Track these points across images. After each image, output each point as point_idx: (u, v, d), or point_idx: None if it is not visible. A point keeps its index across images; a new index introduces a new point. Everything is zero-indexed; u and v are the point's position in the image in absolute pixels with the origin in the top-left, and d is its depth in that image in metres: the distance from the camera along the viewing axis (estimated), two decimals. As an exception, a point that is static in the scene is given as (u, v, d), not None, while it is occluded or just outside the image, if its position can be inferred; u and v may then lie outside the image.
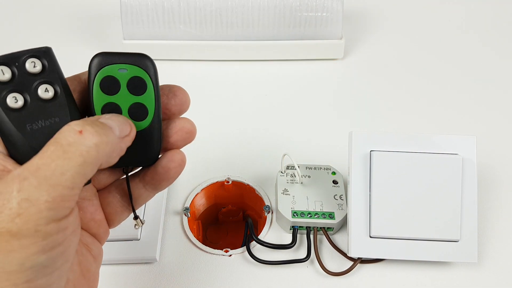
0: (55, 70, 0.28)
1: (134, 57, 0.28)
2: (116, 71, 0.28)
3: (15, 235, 0.22)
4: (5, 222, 0.22)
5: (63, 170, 0.23)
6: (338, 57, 0.60)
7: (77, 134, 0.23)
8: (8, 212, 0.22)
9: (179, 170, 0.30)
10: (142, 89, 0.28)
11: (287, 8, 0.56)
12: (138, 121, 0.28)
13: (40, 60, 0.27)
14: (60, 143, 0.23)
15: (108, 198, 0.31)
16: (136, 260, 0.40)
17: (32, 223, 0.22)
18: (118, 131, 0.26)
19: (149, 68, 0.28)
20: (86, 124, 0.24)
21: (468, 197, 0.39)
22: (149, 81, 0.28)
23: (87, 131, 0.24)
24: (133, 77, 0.28)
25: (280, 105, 0.55)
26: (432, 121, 0.52)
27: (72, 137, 0.23)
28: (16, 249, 0.22)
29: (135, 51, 0.30)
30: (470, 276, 0.40)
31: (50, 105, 0.27)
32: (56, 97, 0.27)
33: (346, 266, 0.39)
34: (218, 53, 0.59)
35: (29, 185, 0.22)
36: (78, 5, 0.68)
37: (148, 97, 0.28)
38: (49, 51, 0.28)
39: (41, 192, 0.22)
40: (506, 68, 0.59)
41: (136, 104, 0.28)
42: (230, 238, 0.47)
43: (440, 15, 0.67)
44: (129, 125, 0.27)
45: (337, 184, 0.43)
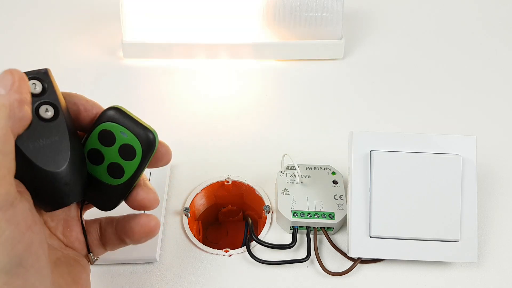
0: (54, 91, 0.29)
1: (141, 130, 0.30)
2: (119, 132, 0.30)
3: None
4: None
5: None
6: (338, 57, 0.60)
7: None
8: None
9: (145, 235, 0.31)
10: (130, 157, 0.30)
11: (287, 8, 0.56)
12: (112, 177, 0.30)
13: (41, 82, 0.28)
14: None
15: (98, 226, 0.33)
16: (136, 260, 0.40)
17: None
18: (1, 89, 0.25)
19: (147, 147, 0.30)
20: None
21: (468, 197, 0.39)
22: (139, 156, 0.30)
23: None
24: (129, 144, 0.30)
25: (280, 105, 0.55)
26: (432, 121, 0.52)
27: None
28: None
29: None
30: (470, 276, 0.40)
31: (50, 124, 0.28)
32: (55, 117, 0.28)
33: (346, 266, 0.39)
34: (218, 52, 0.59)
35: None
36: (78, 5, 0.68)
37: (131, 166, 0.30)
38: (48, 73, 0.29)
39: None
40: (506, 68, 0.59)
41: (117, 164, 0.30)
42: (230, 238, 0.47)
43: (440, 15, 0.67)
44: (9, 75, 0.26)
45: (337, 184, 0.43)
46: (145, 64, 0.59)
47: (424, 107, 0.54)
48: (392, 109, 0.54)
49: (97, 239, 0.33)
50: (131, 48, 0.58)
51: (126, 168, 0.30)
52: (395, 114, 0.53)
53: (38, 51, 0.61)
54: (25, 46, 0.62)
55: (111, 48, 0.61)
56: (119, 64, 0.59)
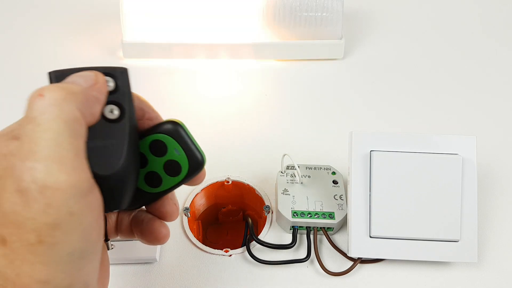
0: (125, 93, 0.27)
1: (195, 153, 0.29)
2: (172, 147, 0.29)
3: (54, 227, 0.21)
4: (39, 216, 0.21)
5: (55, 142, 0.22)
6: (338, 57, 0.60)
7: (39, 98, 0.23)
8: (37, 206, 0.21)
9: (154, 241, 0.31)
10: (173, 173, 0.30)
11: (287, 8, 0.56)
12: (147, 184, 0.30)
13: (114, 80, 0.27)
14: (31, 117, 0.22)
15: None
16: (136, 260, 0.40)
17: (64, 208, 0.21)
18: (82, 81, 0.25)
19: (194, 170, 0.30)
20: (44, 88, 0.23)
21: (468, 197, 0.39)
22: (183, 175, 0.30)
23: (47, 91, 0.23)
24: (177, 162, 0.29)
25: (280, 105, 0.55)
26: (432, 121, 0.52)
27: (37, 105, 0.22)
28: (60, 240, 0.22)
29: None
30: (470, 276, 0.40)
31: (112, 126, 0.26)
32: (119, 119, 0.27)
33: (346, 266, 0.39)
34: (218, 52, 0.59)
35: (39, 172, 0.21)
36: (78, 5, 0.68)
37: (171, 181, 0.30)
38: (125, 72, 0.28)
39: (53, 173, 0.21)
40: (506, 68, 0.59)
41: (157, 174, 0.30)
42: (230, 238, 0.47)
43: (440, 14, 0.67)
44: (90, 73, 0.26)
45: (337, 184, 0.43)
46: (145, 64, 0.59)
47: (424, 107, 0.54)
48: (392, 109, 0.54)
49: (113, 226, 0.33)
50: (131, 48, 0.58)
51: (165, 181, 0.30)
52: (395, 114, 0.53)
53: (38, 51, 0.61)
54: (25, 46, 0.62)
55: (111, 48, 0.61)
56: (119, 64, 0.59)
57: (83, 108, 0.24)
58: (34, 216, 0.21)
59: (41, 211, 0.21)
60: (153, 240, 0.31)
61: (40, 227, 0.21)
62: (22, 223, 0.21)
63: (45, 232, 0.21)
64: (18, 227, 0.21)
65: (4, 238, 0.22)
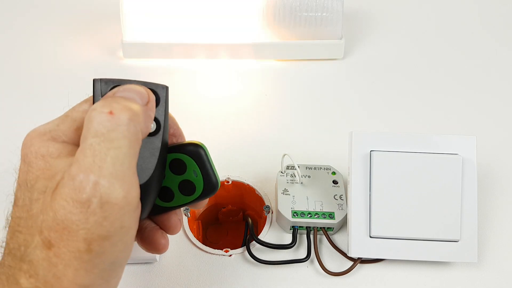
0: (164, 109, 0.28)
1: (212, 178, 0.30)
2: (191, 169, 0.30)
3: (105, 238, 0.22)
4: (94, 228, 0.22)
5: (119, 160, 0.23)
6: (338, 57, 0.60)
7: (109, 117, 0.23)
8: (95, 218, 0.22)
9: (152, 249, 0.32)
10: (186, 192, 0.30)
11: (287, 8, 0.56)
12: (158, 197, 0.30)
13: (157, 96, 0.28)
14: (99, 132, 0.23)
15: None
16: (136, 260, 0.40)
17: (118, 222, 0.23)
18: (139, 99, 0.26)
19: (208, 193, 0.30)
20: (110, 103, 0.24)
21: (468, 197, 0.39)
22: (196, 196, 0.30)
23: (116, 109, 0.23)
24: (193, 183, 0.30)
25: (280, 105, 0.55)
26: (432, 121, 0.52)
27: (107, 122, 0.23)
28: (107, 250, 0.23)
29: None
30: (470, 276, 0.40)
31: (147, 139, 0.27)
32: (154, 133, 0.28)
33: (346, 266, 0.39)
34: (218, 53, 0.59)
35: (103, 187, 0.22)
36: (78, 5, 0.68)
37: (182, 199, 0.31)
38: (166, 90, 0.28)
39: (115, 190, 0.22)
40: (506, 68, 0.59)
41: (171, 190, 0.31)
42: (230, 238, 0.47)
43: (440, 14, 0.67)
44: (144, 91, 0.26)
45: (337, 184, 0.43)
46: (145, 64, 0.59)
47: (424, 107, 0.54)
48: (392, 109, 0.54)
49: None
50: (131, 48, 0.58)
51: (177, 198, 0.31)
52: (395, 114, 0.53)
53: (38, 51, 0.61)
54: (25, 46, 0.62)
55: (111, 48, 0.61)
56: (119, 64, 0.59)
57: (143, 128, 0.25)
58: (90, 227, 0.22)
59: (97, 224, 0.22)
60: (151, 249, 0.32)
61: (93, 237, 0.22)
62: (75, 231, 0.22)
63: (96, 242, 0.22)
64: (69, 234, 0.22)
65: (50, 242, 0.22)
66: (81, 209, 0.22)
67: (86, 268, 0.23)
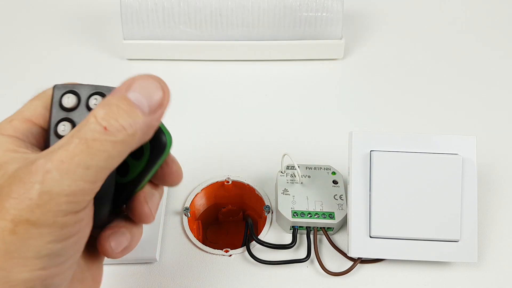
0: None
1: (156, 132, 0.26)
2: None
3: (33, 224, 0.22)
4: (24, 211, 0.22)
5: (87, 164, 0.22)
6: (338, 57, 0.60)
7: (102, 131, 0.22)
8: (28, 203, 0.22)
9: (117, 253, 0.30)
10: (137, 156, 0.27)
11: (287, 8, 0.56)
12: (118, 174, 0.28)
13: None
14: (84, 137, 0.22)
15: None
16: (136, 260, 0.40)
17: (51, 215, 0.22)
18: (147, 107, 0.24)
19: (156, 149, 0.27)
20: (111, 118, 0.23)
21: (468, 197, 0.39)
22: (146, 155, 0.27)
23: (113, 127, 0.23)
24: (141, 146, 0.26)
25: (280, 105, 0.55)
26: (432, 121, 0.52)
27: (96, 133, 0.22)
28: (34, 237, 0.22)
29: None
30: (470, 276, 0.40)
31: None
32: None
33: (346, 266, 0.39)
34: (218, 53, 0.59)
35: (52, 178, 0.22)
36: (78, 5, 0.68)
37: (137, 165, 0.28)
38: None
39: (62, 186, 0.22)
40: (506, 67, 0.59)
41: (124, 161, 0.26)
42: (230, 238, 0.47)
43: (440, 14, 0.67)
44: (161, 92, 0.24)
45: (337, 184, 0.43)
46: (145, 64, 0.59)
47: (424, 107, 0.54)
48: (392, 109, 0.54)
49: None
50: (131, 48, 0.58)
51: (132, 167, 0.28)
52: (395, 114, 0.53)
53: (38, 51, 0.61)
54: (25, 46, 0.62)
55: (111, 48, 0.61)
56: (119, 64, 0.59)
57: (134, 146, 0.24)
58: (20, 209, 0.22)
59: (29, 209, 0.22)
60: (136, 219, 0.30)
61: (20, 220, 0.22)
62: (6, 209, 0.22)
63: (22, 226, 0.22)
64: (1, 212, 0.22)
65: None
66: (22, 190, 0.22)
67: (6, 250, 0.22)
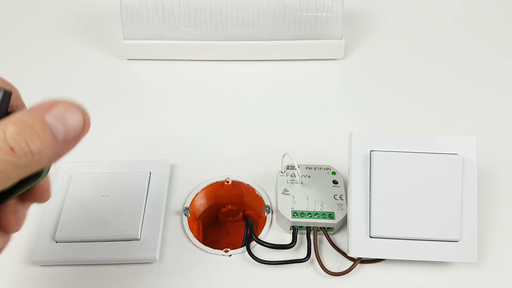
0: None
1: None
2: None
3: None
4: None
5: None
6: (338, 57, 0.60)
7: (7, 151, 0.21)
8: None
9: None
10: None
11: (287, 8, 0.56)
12: None
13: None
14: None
15: None
16: (136, 260, 0.40)
17: None
18: (63, 135, 0.23)
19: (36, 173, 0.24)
20: (21, 139, 0.21)
21: (468, 197, 0.39)
22: None
23: (20, 150, 0.21)
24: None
25: (280, 105, 0.55)
26: (432, 121, 0.52)
27: (1, 153, 0.20)
28: None
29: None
30: (470, 276, 0.40)
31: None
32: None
33: (346, 266, 0.39)
34: (218, 53, 0.59)
35: None
36: (78, 5, 0.68)
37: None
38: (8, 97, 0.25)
39: None
40: (506, 67, 0.59)
41: None
42: (230, 238, 0.47)
43: (440, 14, 0.67)
44: (82, 121, 0.23)
45: (337, 184, 0.43)
46: (145, 64, 0.59)
47: (424, 107, 0.54)
48: (392, 109, 0.54)
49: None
50: (131, 48, 0.58)
51: None
52: (395, 114, 0.53)
53: (38, 51, 0.61)
54: (25, 46, 0.62)
55: (111, 48, 0.61)
56: (119, 64, 0.59)
57: (34, 170, 0.22)
58: None
59: None
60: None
61: None
62: None
63: None
64: None
65: None
66: None
67: None
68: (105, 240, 0.40)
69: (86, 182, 0.43)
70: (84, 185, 0.43)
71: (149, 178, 0.44)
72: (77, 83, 0.57)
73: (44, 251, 0.39)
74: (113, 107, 0.54)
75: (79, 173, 0.44)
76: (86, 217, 0.41)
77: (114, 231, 0.40)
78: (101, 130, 0.51)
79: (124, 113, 0.53)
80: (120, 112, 0.53)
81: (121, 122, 0.52)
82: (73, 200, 0.42)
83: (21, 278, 0.39)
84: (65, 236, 0.40)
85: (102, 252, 0.39)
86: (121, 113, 0.53)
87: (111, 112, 0.53)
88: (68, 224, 0.40)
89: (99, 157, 0.47)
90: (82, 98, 0.58)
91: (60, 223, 0.40)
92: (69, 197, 0.42)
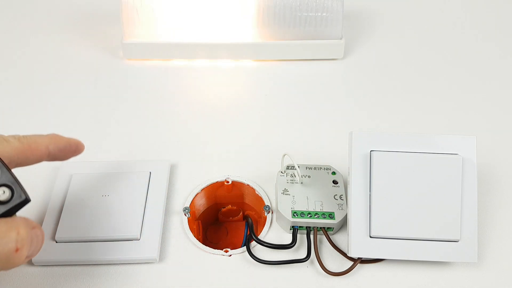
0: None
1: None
2: None
3: None
4: None
5: None
6: (338, 57, 0.60)
7: (12, 250, 0.25)
8: None
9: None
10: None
11: (287, 8, 0.56)
12: None
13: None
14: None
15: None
16: (136, 260, 0.40)
17: None
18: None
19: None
20: (27, 242, 0.26)
21: (468, 197, 0.39)
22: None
23: (24, 248, 0.26)
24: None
25: (280, 105, 0.55)
26: (432, 121, 0.52)
27: (6, 251, 0.25)
28: None
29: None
30: (470, 276, 0.40)
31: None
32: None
33: (346, 266, 0.39)
34: (218, 53, 0.59)
35: None
36: (78, 5, 0.68)
37: None
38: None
39: None
40: (507, 67, 0.59)
41: None
42: (230, 238, 0.47)
43: (440, 14, 0.67)
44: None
45: (337, 184, 0.43)
46: (145, 64, 0.59)
47: (424, 107, 0.54)
48: (392, 109, 0.54)
49: None
50: (131, 49, 0.58)
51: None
52: (395, 114, 0.53)
53: (38, 51, 0.61)
54: (25, 46, 0.62)
55: (111, 48, 0.61)
56: (119, 64, 0.59)
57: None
58: None
59: None
60: None
61: None
62: None
63: None
64: None
65: None
66: None
67: None
68: (105, 240, 0.40)
69: (86, 182, 0.43)
70: (84, 185, 0.43)
71: (149, 178, 0.44)
72: (77, 83, 0.57)
73: (44, 251, 0.39)
74: (113, 107, 0.54)
75: (79, 173, 0.44)
76: (86, 217, 0.41)
77: (114, 231, 0.40)
78: (101, 130, 0.51)
79: (124, 113, 0.53)
80: (120, 112, 0.53)
81: (121, 122, 0.52)
82: (73, 200, 0.42)
83: (21, 278, 0.39)
84: (65, 236, 0.40)
85: (102, 252, 0.39)
86: (121, 113, 0.53)
87: (111, 112, 0.53)
88: (68, 224, 0.40)
89: (99, 157, 0.47)
90: (82, 98, 0.58)
91: (60, 223, 0.40)
92: (69, 197, 0.42)
